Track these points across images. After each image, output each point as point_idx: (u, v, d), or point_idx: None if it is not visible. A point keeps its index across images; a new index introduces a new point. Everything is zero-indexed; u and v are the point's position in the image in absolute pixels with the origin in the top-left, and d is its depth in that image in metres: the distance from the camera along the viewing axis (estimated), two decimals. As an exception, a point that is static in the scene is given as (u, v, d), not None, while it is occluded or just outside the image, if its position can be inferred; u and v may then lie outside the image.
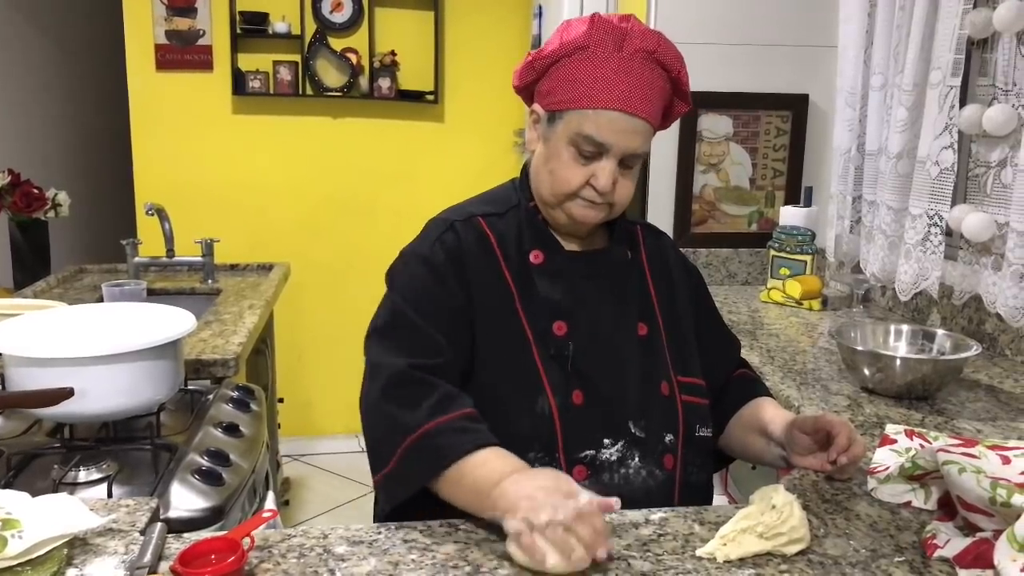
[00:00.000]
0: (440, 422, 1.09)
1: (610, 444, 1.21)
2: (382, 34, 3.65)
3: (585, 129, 1.17)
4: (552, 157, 1.22)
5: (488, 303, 1.22)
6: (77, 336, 1.47)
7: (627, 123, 1.17)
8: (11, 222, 2.77)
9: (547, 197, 1.25)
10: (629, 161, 1.21)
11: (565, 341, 1.21)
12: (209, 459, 1.44)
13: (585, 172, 1.20)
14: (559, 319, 1.22)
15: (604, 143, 1.18)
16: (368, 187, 3.78)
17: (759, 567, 1.00)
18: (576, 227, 1.27)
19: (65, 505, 1.04)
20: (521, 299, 1.23)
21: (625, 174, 1.22)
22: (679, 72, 1.23)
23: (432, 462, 1.09)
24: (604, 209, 1.23)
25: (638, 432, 1.23)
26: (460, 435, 1.09)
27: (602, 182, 1.19)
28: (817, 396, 1.65)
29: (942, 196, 1.95)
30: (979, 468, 1.03)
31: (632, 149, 1.19)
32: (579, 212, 1.23)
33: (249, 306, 2.41)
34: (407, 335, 1.18)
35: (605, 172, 1.19)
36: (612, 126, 1.17)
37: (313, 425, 3.88)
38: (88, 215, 3.99)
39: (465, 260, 1.22)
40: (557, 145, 1.21)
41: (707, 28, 2.66)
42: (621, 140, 1.18)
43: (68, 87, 4.34)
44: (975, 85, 2.00)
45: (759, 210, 2.79)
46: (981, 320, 1.99)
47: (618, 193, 1.22)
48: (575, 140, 1.19)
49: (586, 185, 1.20)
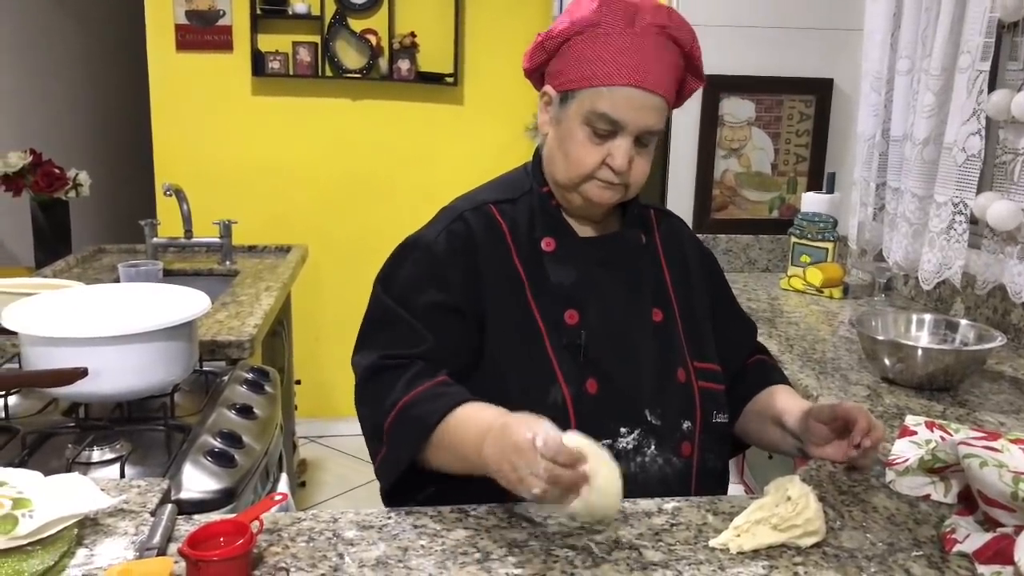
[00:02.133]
0: (414, 394, 1.09)
1: (626, 433, 1.20)
2: (402, 15, 3.62)
3: (600, 107, 1.15)
4: (566, 138, 1.20)
5: (499, 293, 1.20)
6: (92, 316, 1.47)
7: (642, 99, 1.15)
8: (33, 202, 2.79)
9: (563, 180, 1.23)
10: (644, 139, 1.18)
11: (578, 330, 1.20)
12: (222, 441, 1.44)
13: (601, 152, 1.17)
14: (571, 307, 1.21)
15: (619, 121, 1.15)
16: (387, 169, 3.77)
17: (773, 559, 0.98)
18: (591, 210, 1.25)
19: (76, 485, 1.04)
20: (532, 288, 1.21)
21: (641, 153, 1.19)
22: (692, 47, 1.21)
23: (415, 434, 1.09)
24: (620, 190, 1.21)
25: (654, 420, 1.21)
26: (434, 401, 1.09)
27: (619, 161, 1.16)
28: (836, 386, 1.62)
29: (968, 183, 1.91)
30: (1001, 462, 1.01)
31: (648, 126, 1.17)
32: (595, 193, 1.20)
33: (266, 288, 2.41)
34: (386, 330, 1.18)
35: (621, 151, 1.16)
36: (627, 103, 1.15)
37: (330, 407, 3.89)
38: (108, 195, 4.01)
39: (475, 250, 1.21)
40: (571, 125, 1.19)
41: (730, 9, 2.62)
42: (637, 117, 1.15)
43: (89, 68, 4.36)
44: (1005, 70, 1.95)
45: (781, 196, 2.75)
46: (1006, 310, 1.95)
47: (634, 173, 1.20)
48: (589, 119, 1.16)
49: (602, 165, 1.18)
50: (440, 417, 1.07)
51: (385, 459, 1.13)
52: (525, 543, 1.01)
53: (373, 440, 1.16)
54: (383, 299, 1.22)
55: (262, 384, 1.76)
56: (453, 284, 1.19)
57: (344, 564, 0.96)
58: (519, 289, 1.21)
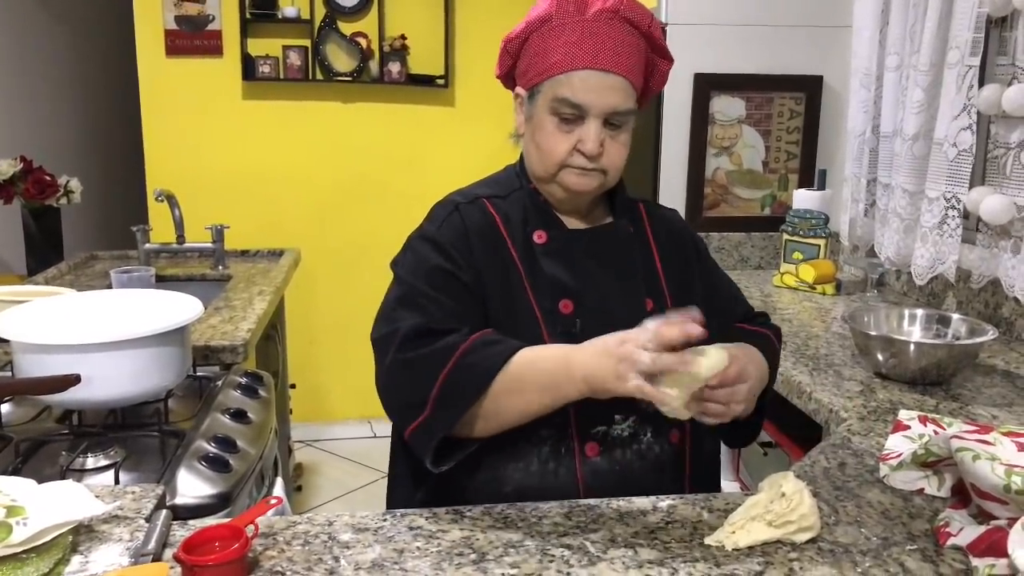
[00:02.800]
0: (469, 344, 1.09)
1: (621, 420, 1.20)
2: (392, 18, 3.62)
3: (561, 93, 1.17)
4: (537, 130, 1.22)
5: (496, 283, 1.21)
6: (85, 323, 1.47)
7: (601, 80, 1.17)
8: (24, 209, 2.77)
9: (540, 172, 1.24)
10: (615, 120, 1.19)
11: (572, 319, 1.21)
12: (216, 446, 1.44)
13: (571, 139, 1.19)
14: (565, 297, 1.21)
15: (582, 104, 1.17)
16: (378, 172, 3.77)
17: (768, 555, 0.98)
18: (574, 200, 1.26)
19: (70, 492, 1.03)
20: (527, 278, 1.22)
21: (614, 136, 1.20)
22: (649, 27, 1.22)
23: (474, 382, 1.07)
24: (597, 176, 1.21)
25: (648, 407, 1.21)
26: (493, 346, 1.09)
27: (589, 145, 1.17)
28: (830, 381, 1.63)
29: (960, 178, 1.92)
30: (994, 455, 1.01)
31: (612, 106, 1.17)
32: (573, 181, 1.21)
33: (259, 292, 2.41)
34: (414, 305, 1.16)
35: (590, 134, 1.17)
36: (586, 85, 1.16)
37: (325, 411, 3.89)
38: (100, 202, 4.00)
39: (471, 241, 1.21)
40: (540, 118, 1.21)
41: (719, 8, 2.62)
42: (598, 99, 1.17)
43: (79, 74, 4.35)
44: (994, 65, 1.96)
45: (772, 193, 2.76)
46: (998, 304, 1.96)
47: (608, 156, 1.20)
48: (554, 107, 1.18)
49: (574, 152, 1.19)
50: (503, 361, 1.07)
51: (432, 419, 1.09)
52: (521, 543, 1.01)
53: (409, 410, 1.11)
54: (403, 276, 1.21)
55: (256, 388, 1.76)
56: (462, 267, 1.19)
57: (340, 567, 0.96)
58: (516, 279, 1.22)
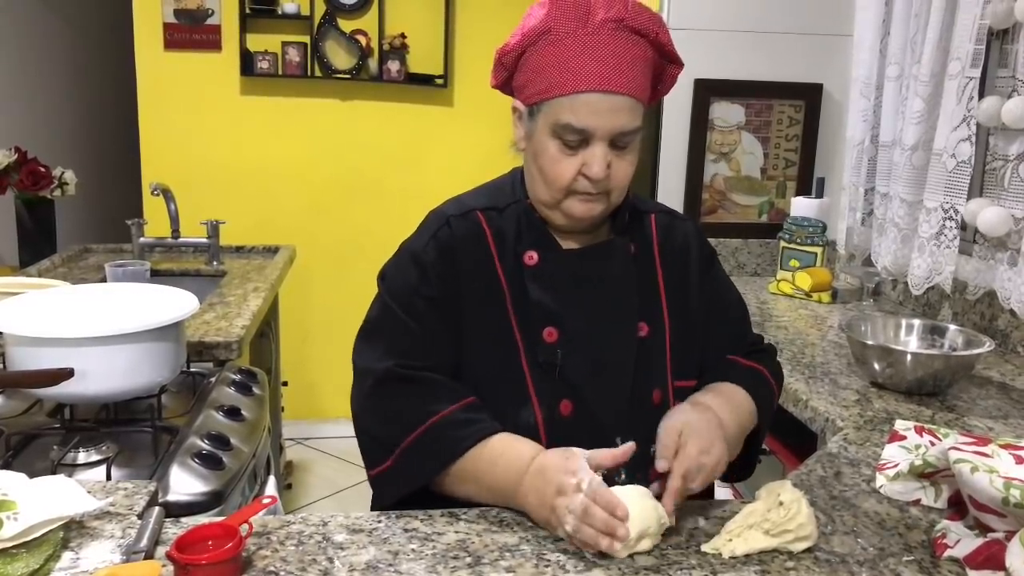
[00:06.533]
0: (440, 417, 1.08)
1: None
2: (392, 16, 3.61)
3: (563, 118, 1.09)
4: (539, 154, 1.14)
5: (477, 302, 1.16)
6: (78, 316, 1.45)
7: (606, 102, 1.08)
8: (17, 200, 2.76)
9: (544, 198, 1.17)
10: (620, 141, 1.11)
11: (555, 348, 1.15)
12: (209, 443, 1.43)
13: (575, 163, 1.11)
14: (550, 325, 1.16)
15: (586, 129, 1.08)
16: (376, 170, 3.76)
17: (765, 564, 0.98)
18: (576, 225, 1.19)
19: (62, 487, 1.02)
20: (513, 301, 1.17)
21: (620, 155, 1.12)
22: (657, 34, 1.12)
23: (438, 459, 1.08)
24: (603, 199, 1.15)
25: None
26: (463, 428, 1.07)
27: (595, 170, 1.09)
28: (826, 390, 1.63)
29: (958, 189, 1.92)
30: (992, 468, 1.01)
31: (619, 128, 1.09)
32: (579, 209, 1.14)
33: (254, 288, 2.40)
34: (396, 335, 1.16)
35: (596, 159, 1.09)
36: (590, 109, 1.08)
37: (317, 409, 3.87)
38: (94, 194, 3.98)
39: (457, 257, 1.17)
40: (541, 140, 1.13)
41: (721, 15, 2.62)
42: (604, 122, 1.08)
43: (76, 65, 4.32)
44: (994, 77, 1.96)
45: (770, 200, 2.76)
46: (994, 316, 1.96)
47: (615, 177, 1.13)
48: (556, 131, 1.10)
49: (579, 176, 1.12)
50: (469, 446, 1.06)
51: (393, 474, 1.11)
52: (516, 547, 1.00)
53: (377, 451, 1.13)
54: (387, 299, 1.19)
55: (250, 386, 1.75)
56: (443, 290, 1.16)
57: (334, 568, 0.95)
58: (499, 300, 1.17)
